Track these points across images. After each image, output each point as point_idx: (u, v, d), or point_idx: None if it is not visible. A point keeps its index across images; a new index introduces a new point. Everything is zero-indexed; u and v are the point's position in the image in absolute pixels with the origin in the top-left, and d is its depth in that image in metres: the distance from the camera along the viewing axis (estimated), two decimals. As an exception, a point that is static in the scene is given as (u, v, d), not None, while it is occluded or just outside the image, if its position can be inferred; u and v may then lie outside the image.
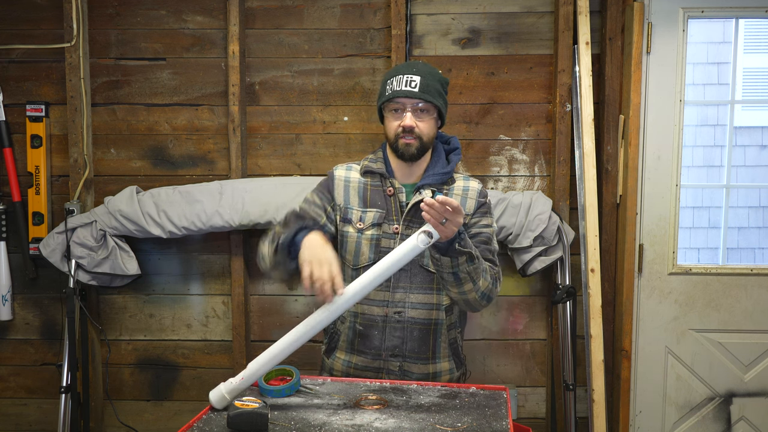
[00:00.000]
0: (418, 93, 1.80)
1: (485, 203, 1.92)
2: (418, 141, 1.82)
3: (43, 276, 2.86)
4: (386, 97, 1.84)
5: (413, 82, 1.81)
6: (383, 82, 1.88)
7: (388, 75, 1.88)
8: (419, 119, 1.82)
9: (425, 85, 1.81)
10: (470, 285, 1.72)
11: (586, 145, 2.60)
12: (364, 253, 1.86)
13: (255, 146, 2.82)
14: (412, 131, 1.81)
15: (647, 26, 2.70)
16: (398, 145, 1.83)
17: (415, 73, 1.82)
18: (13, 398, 2.92)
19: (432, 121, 1.85)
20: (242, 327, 2.80)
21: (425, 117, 1.83)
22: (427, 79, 1.82)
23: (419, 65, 1.86)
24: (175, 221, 2.64)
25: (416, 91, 1.80)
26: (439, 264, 1.69)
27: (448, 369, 1.92)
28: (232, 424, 1.41)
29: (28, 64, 2.80)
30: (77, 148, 2.76)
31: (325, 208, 1.90)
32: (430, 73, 1.84)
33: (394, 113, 1.85)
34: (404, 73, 1.83)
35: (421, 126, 1.82)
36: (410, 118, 1.81)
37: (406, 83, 1.81)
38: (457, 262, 1.66)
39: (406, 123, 1.81)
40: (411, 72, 1.82)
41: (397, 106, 1.83)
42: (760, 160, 4.11)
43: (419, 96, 1.80)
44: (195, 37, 2.79)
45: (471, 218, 1.89)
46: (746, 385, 2.82)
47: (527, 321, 2.84)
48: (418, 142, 1.83)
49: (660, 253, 2.79)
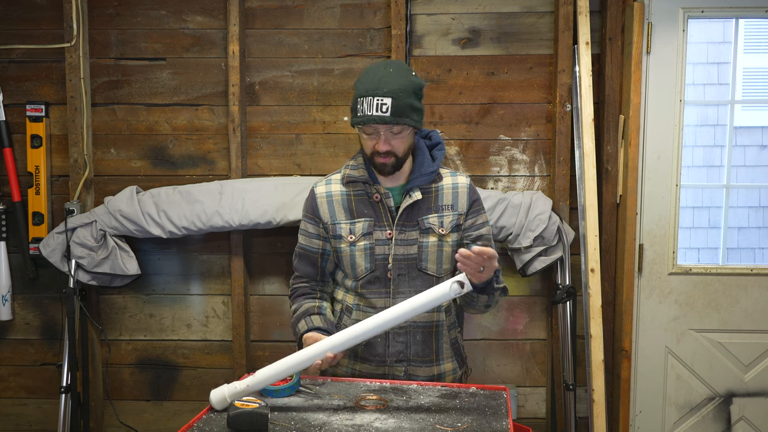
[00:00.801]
0: (390, 118, 1.73)
1: (477, 199, 1.92)
2: (394, 158, 1.80)
3: (43, 276, 2.86)
4: (357, 120, 1.77)
5: (384, 106, 1.72)
6: (354, 97, 1.79)
7: (360, 89, 1.77)
8: (394, 139, 1.78)
9: (397, 106, 1.72)
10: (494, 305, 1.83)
11: (586, 145, 2.60)
12: (360, 265, 1.85)
13: (255, 146, 2.82)
14: (388, 152, 1.78)
15: (647, 26, 2.70)
16: (374, 162, 1.81)
17: (386, 94, 1.72)
18: (13, 398, 2.92)
19: (407, 136, 1.80)
20: (242, 327, 2.80)
21: (400, 135, 1.78)
22: (399, 99, 1.73)
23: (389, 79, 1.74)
24: (175, 221, 2.64)
25: (388, 116, 1.73)
26: (476, 301, 1.77)
27: (451, 369, 1.92)
28: (232, 424, 1.41)
29: (28, 64, 2.80)
30: (77, 148, 2.76)
31: (319, 234, 1.91)
32: (400, 88, 1.74)
33: (368, 134, 1.80)
34: (374, 94, 1.73)
35: (395, 144, 1.78)
36: (384, 141, 1.77)
37: (377, 108, 1.72)
38: (494, 297, 1.76)
39: (380, 148, 1.77)
40: (382, 93, 1.72)
41: (370, 130, 1.78)
42: (760, 160, 4.10)
43: (391, 121, 1.73)
44: (195, 37, 2.79)
45: (466, 218, 1.88)
46: (746, 385, 2.82)
47: (527, 321, 2.84)
48: (394, 159, 1.80)
49: (660, 253, 2.79)
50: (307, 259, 1.92)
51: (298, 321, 1.87)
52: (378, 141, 1.77)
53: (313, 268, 1.92)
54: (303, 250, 1.94)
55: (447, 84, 2.77)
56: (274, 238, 2.82)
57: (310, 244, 1.92)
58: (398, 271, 1.83)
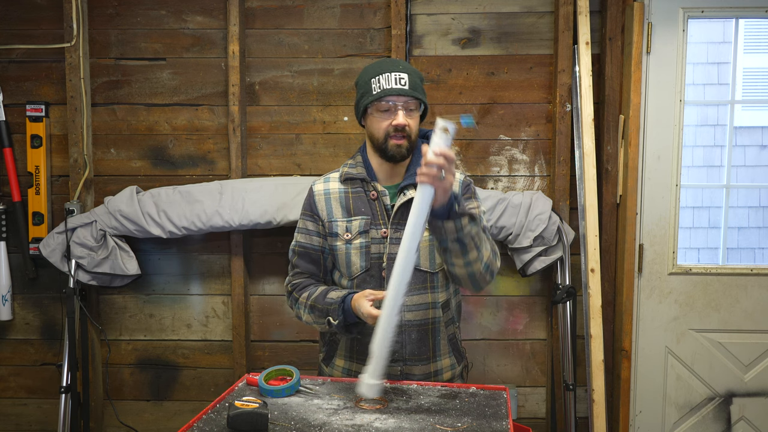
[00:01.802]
0: (409, 90, 1.76)
1: (469, 188, 1.90)
2: (407, 140, 1.79)
3: (43, 276, 2.86)
4: (375, 96, 1.76)
5: (402, 80, 1.76)
6: (365, 81, 1.80)
7: (371, 73, 1.80)
8: (409, 117, 1.79)
9: (413, 82, 1.78)
10: (475, 253, 1.69)
11: (586, 145, 2.60)
12: (355, 263, 1.85)
13: (255, 146, 2.82)
14: (404, 130, 1.77)
15: (647, 26, 2.70)
16: (388, 145, 1.79)
17: (402, 70, 1.77)
18: (13, 398, 2.92)
19: (418, 118, 1.83)
20: (242, 327, 2.80)
21: (414, 115, 1.81)
22: (413, 77, 1.79)
23: (401, 62, 1.82)
24: (175, 221, 2.64)
25: (407, 88, 1.76)
26: (443, 232, 1.65)
27: (449, 365, 1.91)
28: (232, 424, 1.41)
29: (28, 64, 2.80)
30: (77, 148, 2.76)
31: (319, 232, 1.90)
32: (413, 70, 1.82)
33: (383, 113, 1.79)
34: (391, 70, 1.77)
35: (411, 124, 1.79)
36: (403, 116, 1.77)
37: (395, 81, 1.75)
38: (461, 224, 1.63)
39: (399, 122, 1.76)
40: (398, 69, 1.77)
41: (388, 106, 1.78)
42: (760, 160, 4.10)
43: (411, 93, 1.76)
44: (195, 37, 2.79)
45: None
46: (746, 385, 2.82)
47: (527, 321, 2.84)
48: (407, 142, 1.79)
49: (660, 253, 2.79)
50: (308, 256, 1.91)
51: (325, 295, 1.79)
52: (395, 116, 1.77)
53: (316, 265, 1.92)
54: (303, 248, 1.92)
55: (447, 84, 2.77)
56: (274, 238, 2.82)
57: (311, 241, 1.91)
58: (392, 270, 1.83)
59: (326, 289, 1.82)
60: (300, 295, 1.86)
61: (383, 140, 1.79)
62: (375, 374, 1.54)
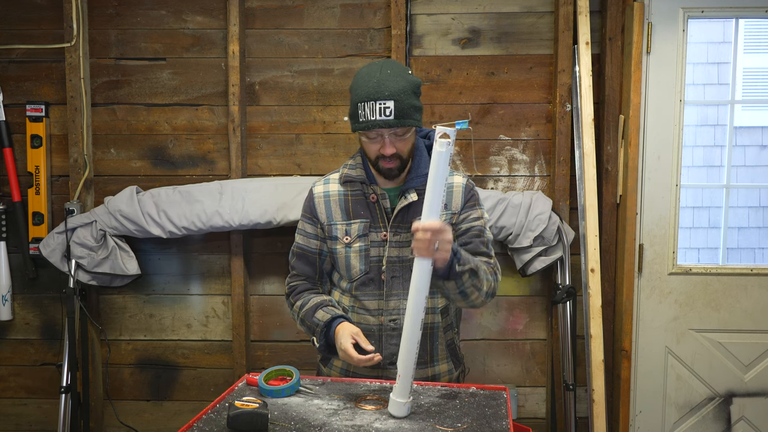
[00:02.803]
0: (394, 121, 1.69)
1: (473, 196, 1.88)
2: (399, 161, 1.77)
3: (43, 276, 2.86)
4: (361, 126, 1.72)
5: (387, 110, 1.68)
6: (353, 102, 1.73)
7: (359, 94, 1.72)
8: (398, 141, 1.75)
9: (400, 108, 1.69)
10: (476, 294, 1.73)
11: (586, 145, 2.60)
12: (355, 266, 1.84)
13: (255, 146, 2.82)
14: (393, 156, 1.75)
15: (647, 26, 2.70)
16: (379, 167, 1.78)
17: (388, 98, 1.68)
18: (13, 398, 2.92)
19: (411, 136, 1.78)
20: (242, 327, 2.80)
21: (404, 136, 1.75)
22: (401, 101, 1.69)
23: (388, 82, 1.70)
24: (175, 221, 2.64)
25: (392, 119, 1.68)
26: (445, 288, 1.69)
27: (446, 370, 1.91)
28: (232, 424, 1.41)
29: (28, 64, 2.80)
30: (77, 148, 2.76)
31: (317, 234, 1.90)
32: (401, 89, 1.70)
33: (372, 139, 1.76)
34: (376, 98, 1.68)
35: (400, 146, 1.75)
36: (389, 145, 1.73)
37: (380, 112, 1.68)
38: (462, 281, 1.66)
39: (386, 152, 1.73)
40: (383, 96, 1.68)
41: (375, 135, 1.74)
42: (760, 160, 4.10)
43: (396, 124, 1.69)
44: (195, 37, 2.79)
45: (460, 214, 1.86)
46: (746, 385, 2.82)
47: (527, 321, 2.84)
48: (399, 162, 1.77)
49: (660, 253, 2.79)
50: (305, 258, 1.92)
51: (314, 312, 1.81)
52: (383, 145, 1.74)
53: (312, 267, 1.92)
54: (301, 250, 1.93)
55: (447, 84, 2.77)
56: (274, 238, 2.82)
57: (308, 244, 1.91)
58: (392, 273, 1.82)
59: (316, 305, 1.83)
60: (294, 302, 1.90)
61: (374, 161, 1.79)
62: (403, 393, 1.54)
